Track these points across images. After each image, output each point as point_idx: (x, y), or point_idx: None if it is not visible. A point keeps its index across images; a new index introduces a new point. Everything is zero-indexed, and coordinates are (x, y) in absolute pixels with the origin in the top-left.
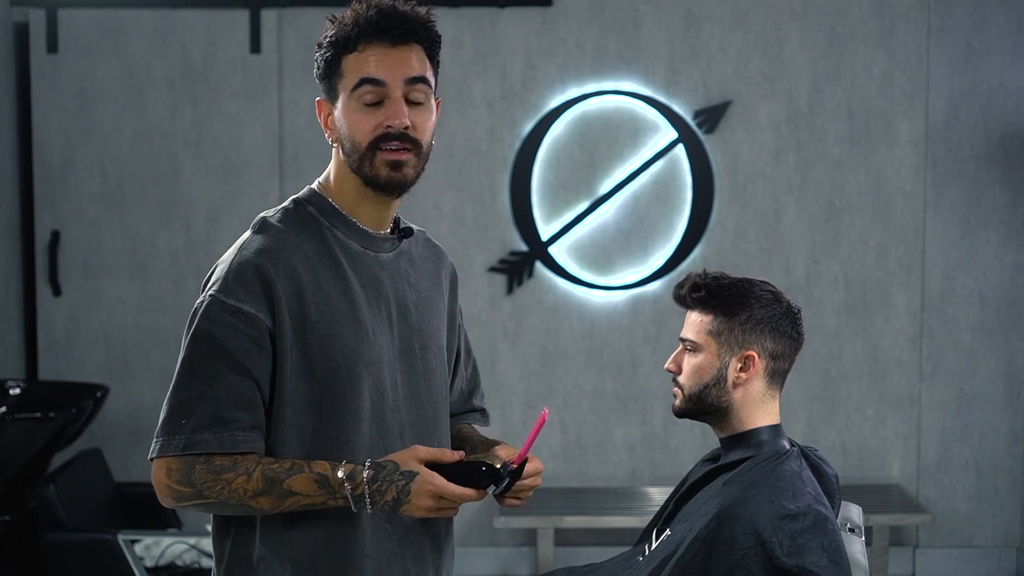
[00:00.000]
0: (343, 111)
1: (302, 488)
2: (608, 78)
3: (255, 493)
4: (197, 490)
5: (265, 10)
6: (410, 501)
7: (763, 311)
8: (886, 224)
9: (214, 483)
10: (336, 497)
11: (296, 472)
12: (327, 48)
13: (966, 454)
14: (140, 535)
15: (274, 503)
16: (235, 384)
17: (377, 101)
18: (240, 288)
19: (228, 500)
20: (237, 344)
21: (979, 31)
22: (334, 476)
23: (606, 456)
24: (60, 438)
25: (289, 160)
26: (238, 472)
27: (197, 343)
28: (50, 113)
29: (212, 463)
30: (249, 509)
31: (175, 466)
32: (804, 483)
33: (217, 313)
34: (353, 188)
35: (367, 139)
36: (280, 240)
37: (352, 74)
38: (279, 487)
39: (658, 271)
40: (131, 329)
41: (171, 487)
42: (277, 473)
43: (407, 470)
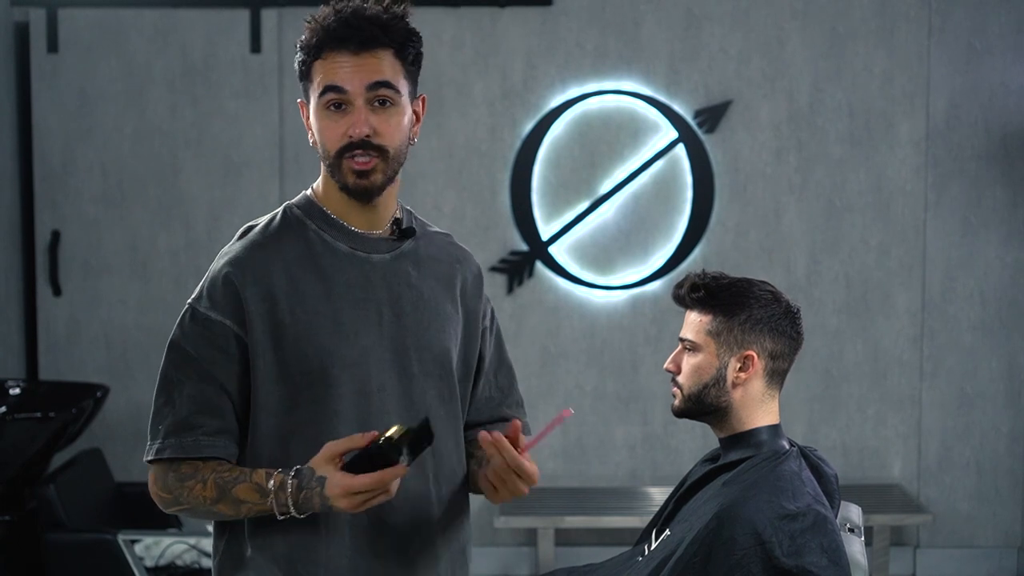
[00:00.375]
0: (314, 117)
1: (246, 496)
2: (608, 78)
3: (212, 500)
4: (174, 496)
5: (265, 10)
6: (332, 504)
7: (762, 311)
8: (887, 224)
9: (181, 490)
10: (277, 507)
11: (241, 481)
12: (300, 52)
13: (967, 454)
14: (140, 535)
15: (232, 510)
16: (200, 390)
17: (341, 107)
18: (211, 296)
19: (196, 507)
20: (202, 351)
21: (980, 31)
22: (268, 485)
23: (606, 456)
24: (60, 438)
25: (289, 160)
26: (196, 480)
27: (169, 351)
28: (50, 113)
29: (179, 471)
30: (218, 516)
31: (158, 474)
32: (803, 483)
33: (188, 322)
34: (336, 190)
35: (335, 147)
36: (255, 247)
37: (318, 80)
38: (230, 495)
39: (658, 271)
40: (131, 329)
41: (158, 494)
42: (226, 481)
43: (320, 475)
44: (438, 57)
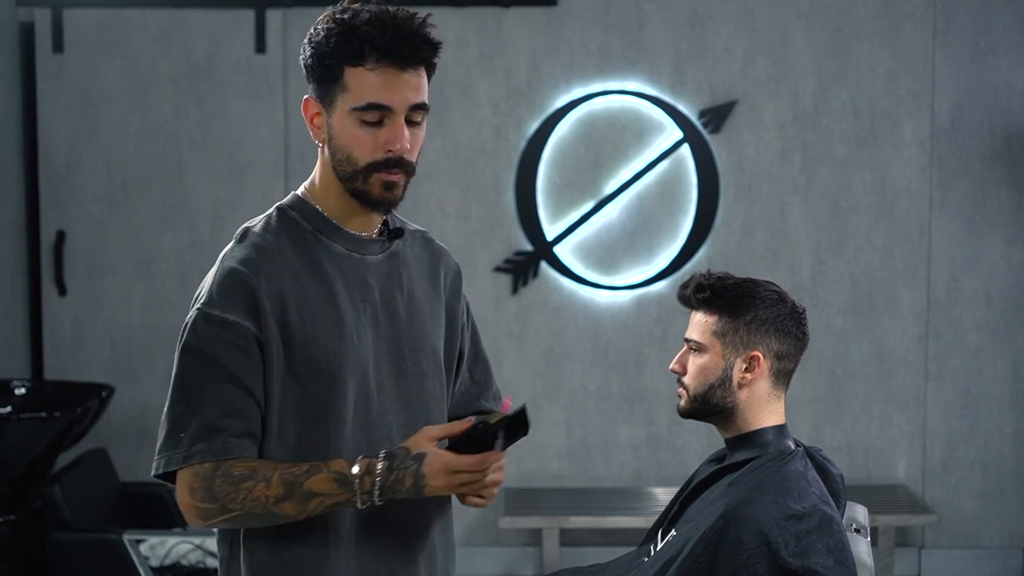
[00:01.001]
0: (341, 124)
1: (322, 488)
2: (613, 78)
3: (277, 499)
4: (221, 504)
5: (270, 10)
6: (428, 484)
7: (768, 311)
8: (892, 224)
9: (235, 494)
10: (356, 495)
11: (315, 473)
12: (329, 53)
13: (972, 454)
14: (145, 535)
15: (298, 507)
16: (225, 393)
17: (378, 122)
18: (224, 299)
19: (253, 510)
20: (225, 354)
21: (985, 31)
22: (351, 473)
23: (611, 456)
24: (65, 438)
25: (294, 160)
26: (256, 480)
27: (186, 357)
28: (55, 113)
29: (230, 474)
30: (276, 516)
31: (196, 484)
32: (809, 483)
33: (203, 326)
34: (338, 194)
35: (366, 159)
36: (261, 248)
37: (358, 91)
38: (299, 490)
39: (663, 271)
40: (136, 329)
41: (196, 506)
42: (296, 476)
43: (417, 452)
44: (443, 57)
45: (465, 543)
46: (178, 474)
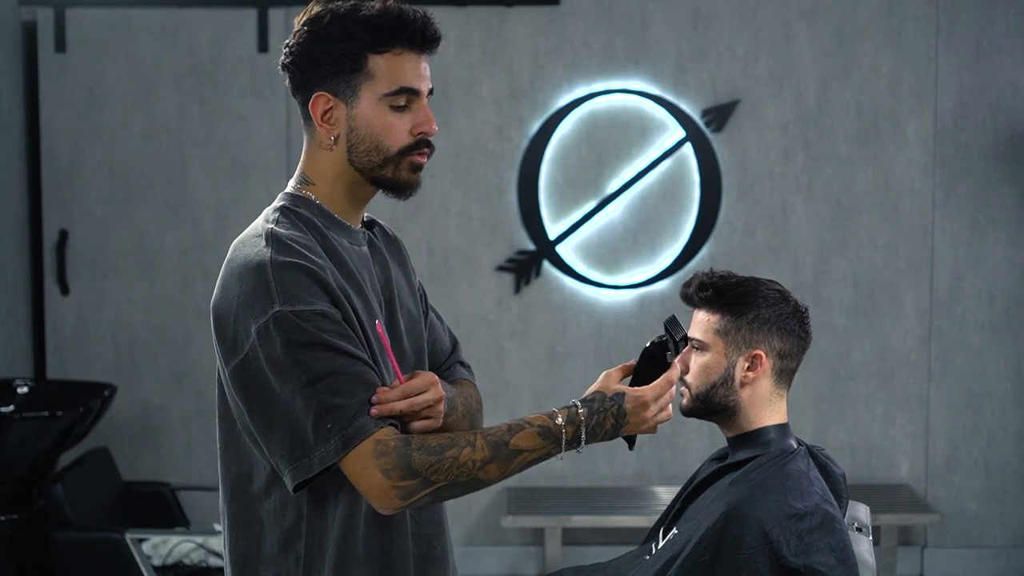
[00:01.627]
0: (369, 112)
1: (528, 444)
2: (616, 77)
3: (484, 462)
4: (424, 477)
5: (273, 9)
6: (627, 420)
7: (770, 310)
8: (895, 223)
9: (439, 464)
10: (560, 445)
11: (517, 430)
12: (349, 41)
13: (975, 454)
14: (148, 534)
15: (501, 468)
16: (358, 372)
17: (405, 106)
18: (304, 293)
19: (458, 478)
20: (335, 341)
21: (988, 30)
22: (555, 424)
23: (613, 455)
24: (68, 437)
25: (296, 159)
26: (460, 446)
27: (294, 358)
28: (58, 112)
29: (428, 445)
30: (476, 482)
31: (389, 464)
32: (811, 482)
33: (296, 324)
34: (347, 188)
35: (400, 144)
36: (304, 244)
37: (387, 76)
38: (505, 449)
39: (666, 270)
40: (139, 328)
41: (396, 486)
42: (499, 436)
43: (615, 393)
44: (445, 56)
45: (467, 542)
46: (354, 463)
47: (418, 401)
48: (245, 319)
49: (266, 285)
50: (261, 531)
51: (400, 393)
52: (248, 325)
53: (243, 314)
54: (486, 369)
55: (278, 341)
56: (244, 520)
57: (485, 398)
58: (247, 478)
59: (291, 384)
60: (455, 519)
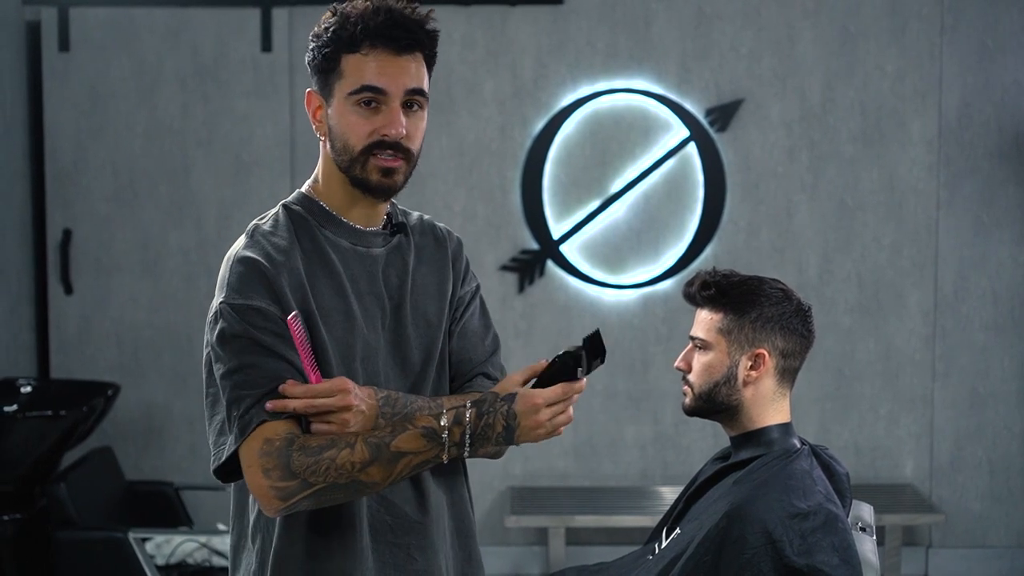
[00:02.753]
0: (338, 111)
1: (411, 446)
2: (619, 76)
3: (363, 464)
4: (303, 479)
5: (276, 8)
6: (520, 424)
7: (773, 309)
8: (899, 223)
9: (317, 465)
10: (446, 448)
11: (400, 431)
12: (326, 42)
13: (979, 454)
14: (151, 533)
15: (385, 471)
16: (275, 367)
17: (371, 104)
18: (247, 288)
19: (337, 480)
20: (262, 336)
21: (992, 29)
22: (439, 426)
23: (617, 455)
24: (71, 436)
25: (300, 158)
26: (339, 447)
27: (222, 348)
28: (62, 111)
29: (308, 446)
30: (361, 486)
31: (270, 464)
32: (815, 482)
33: (231, 316)
34: (341, 186)
35: (361, 144)
36: (274, 244)
37: (353, 76)
38: (387, 451)
39: (670, 270)
40: (142, 327)
41: (274, 487)
42: (380, 438)
43: (506, 394)
44: (449, 55)
45: None
46: (244, 457)
47: (316, 404)
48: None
49: (226, 275)
50: (246, 520)
51: (302, 391)
52: (209, 314)
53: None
54: None
55: (216, 330)
56: (239, 509)
57: None
58: None
59: (219, 372)
60: None
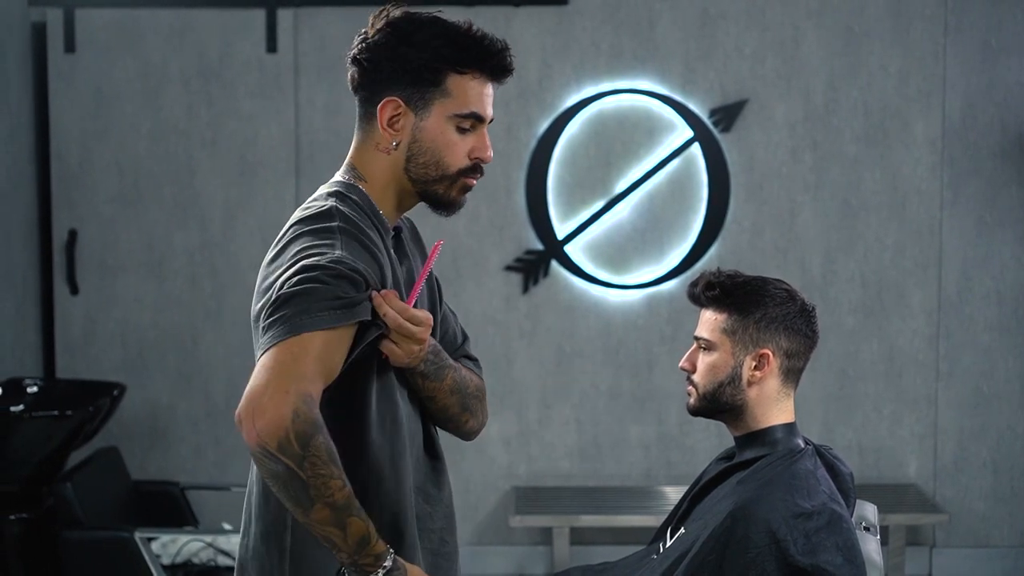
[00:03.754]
0: (436, 127)
1: (352, 530)
2: (624, 77)
3: (332, 504)
4: (303, 455)
5: (281, 9)
6: None
7: (777, 309)
8: (902, 223)
9: (321, 466)
10: (353, 557)
11: (362, 518)
12: (433, 55)
13: (983, 454)
14: (157, 533)
15: (324, 521)
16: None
17: (469, 129)
18: (358, 258)
19: (310, 486)
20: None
21: (996, 29)
22: (373, 545)
23: (621, 455)
24: (77, 436)
25: (305, 159)
26: (343, 476)
27: (309, 270)
28: (67, 112)
29: (331, 449)
30: (307, 509)
31: (302, 416)
32: (819, 481)
33: (338, 264)
34: (397, 194)
35: (459, 165)
36: (365, 230)
37: (461, 98)
38: (344, 515)
39: (674, 270)
40: (147, 328)
41: (288, 431)
42: (353, 504)
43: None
44: None
45: (475, 542)
46: (282, 378)
47: (403, 324)
48: (299, 255)
49: (328, 237)
50: (249, 524)
51: (400, 307)
52: (299, 258)
53: (302, 255)
54: (494, 369)
55: (302, 270)
56: (245, 517)
57: (493, 398)
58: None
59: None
60: (462, 518)
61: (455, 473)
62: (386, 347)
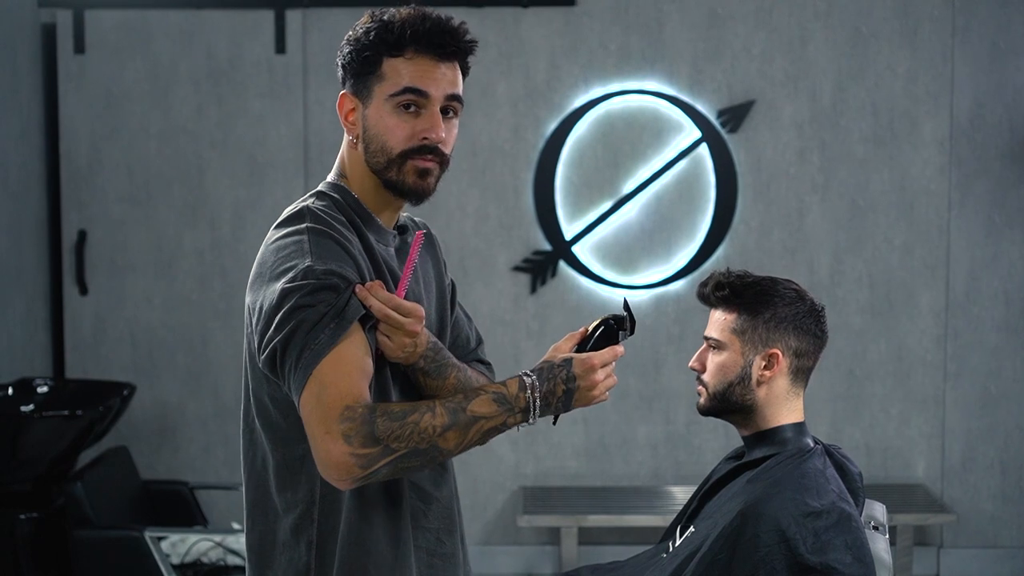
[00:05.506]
0: (377, 113)
1: (484, 410)
2: (631, 77)
3: (443, 428)
4: (384, 446)
5: (290, 11)
6: (578, 386)
7: (787, 309)
8: (910, 223)
9: (401, 430)
10: (514, 412)
11: (473, 397)
12: (368, 45)
13: (991, 454)
14: (166, 532)
15: (460, 435)
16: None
17: (410, 108)
18: (328, 255)
19: (418, 445)
20: (336, 280)
21: (1004, 30)
22: (508, 391)
23: (629, 455)
24: (87, 436)
25: (313, 160)
26: (421, 412)
27: (287, 298)
28: (77, 113)
29: (391, 411)
30: (437, 452)
31: (352, 430)
32: (828, 481)
33: (311, 274)
34: (373, 187)
35: (401, 147)
36: (335, 221)
37: (395, 79)
38: (463, 415)
39: (681, 270)
40: (157, 328)
41: (356, 454)
42: (458, 403)
43: (563, 359)
44: None
45: (483, 542)
46: (318, 423)
47: (391, 315)
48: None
49: (303, 244)
50: (276, 518)
51: (386, 298)
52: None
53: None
54: (502, 369)
55: (285, 283)
56: (261, 508)
57: None
58: (263, 467)
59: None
60: (471, 518)
61: (463, 473)
62: (379, 339)
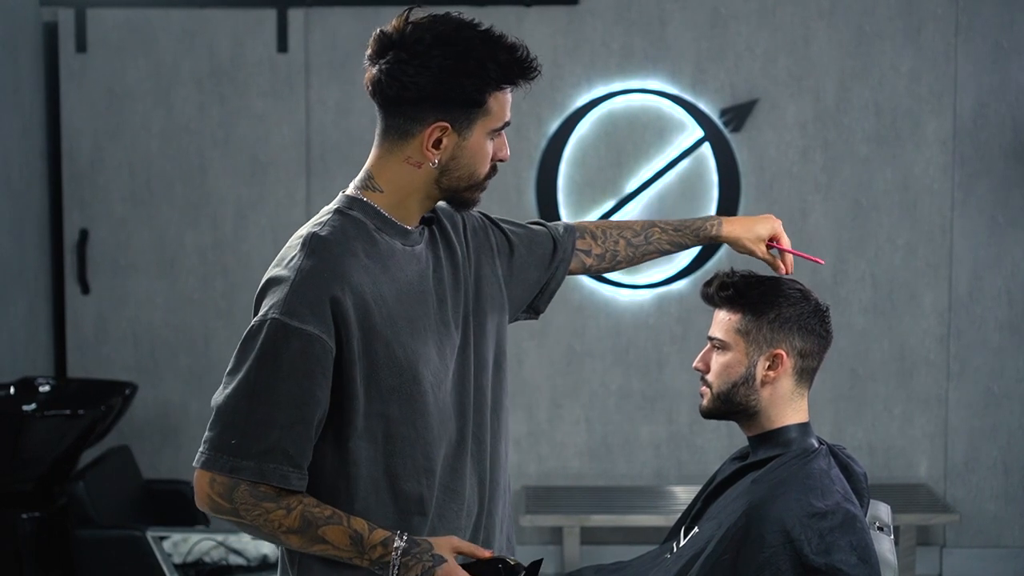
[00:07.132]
0: (477, 144)
1: (335, 539)
2: (634, 76)
3: (288, 530)
4: (234, 508)
5: (292, 9)
6: None
7: (791, 309)
8: (913, 223)
9: (253, 508)
10: (363, 558)
11: (334, 523)
12: (479, 78)
13: (994, 454)
14: (168, 532)
15: (303, 544)
16: (298, 415)
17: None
18: (303, 307)
19: (260, 527)
20: (301, 369)
21: (1007, 29)
22: (369, 537)
23: (632, 455)
24: (89, 435)
25: (316, 159)
26: (279, 505)
27: (261, 363)
28: (79, 112)
29: (257, 489)
30: (277, 541)
31: (219, 479)
32: (833, 481)
33: (282, 336)
34: (420, 200)
35: (485, 171)
36: (337, 256)
37: (500, 114)
38: (313, 531)
39: (684, 270)
40: (159, 327)
41: (212, 498)
42: (316, 517)
43: (437, 554)
44: None
45: None
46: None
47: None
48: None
49: (286, 286)
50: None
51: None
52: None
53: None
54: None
55: (261, 342)
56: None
57: None
58: None
59: (244, 381)
60: None
61: None
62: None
